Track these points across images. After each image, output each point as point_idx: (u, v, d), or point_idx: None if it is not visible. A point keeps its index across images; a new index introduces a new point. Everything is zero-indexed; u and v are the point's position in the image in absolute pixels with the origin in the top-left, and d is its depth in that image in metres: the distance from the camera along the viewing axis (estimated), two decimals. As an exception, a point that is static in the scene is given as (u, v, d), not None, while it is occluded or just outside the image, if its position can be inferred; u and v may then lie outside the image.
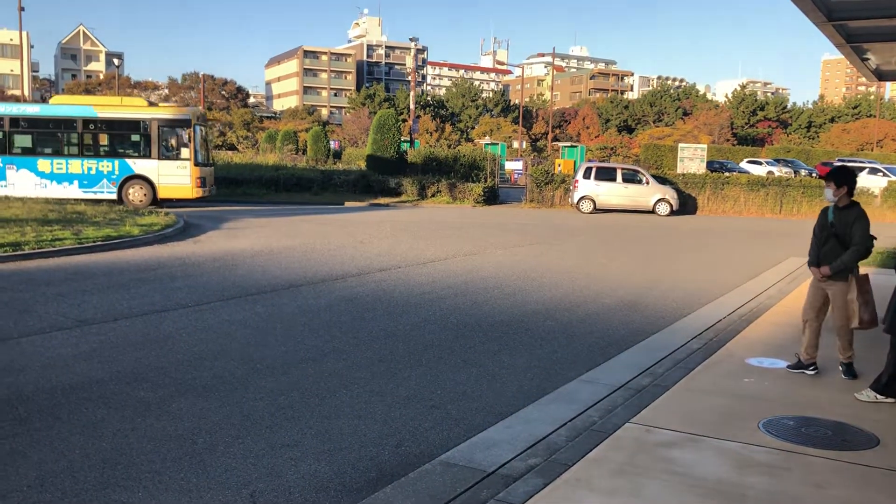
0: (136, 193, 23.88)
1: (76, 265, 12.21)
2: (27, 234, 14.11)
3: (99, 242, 14.17)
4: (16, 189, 23.92)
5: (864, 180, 32.50)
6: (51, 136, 24.66)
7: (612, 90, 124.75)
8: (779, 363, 6.91)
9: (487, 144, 54.73)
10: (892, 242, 16.27)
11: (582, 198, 28.20)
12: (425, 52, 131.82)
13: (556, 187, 30.94)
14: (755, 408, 5.67)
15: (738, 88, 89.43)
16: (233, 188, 30.70)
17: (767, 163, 44.29)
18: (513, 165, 48.58)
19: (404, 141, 39.67)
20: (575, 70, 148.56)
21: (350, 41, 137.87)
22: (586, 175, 28.48)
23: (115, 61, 47.06)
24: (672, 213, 27.86)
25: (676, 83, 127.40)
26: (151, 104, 27.38)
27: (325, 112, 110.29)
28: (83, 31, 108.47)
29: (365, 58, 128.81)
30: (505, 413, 5.68)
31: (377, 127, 34.40)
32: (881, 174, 36.22)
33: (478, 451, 4.84)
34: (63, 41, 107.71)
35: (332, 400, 5.94)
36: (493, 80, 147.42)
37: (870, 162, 41.09)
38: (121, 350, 7.16)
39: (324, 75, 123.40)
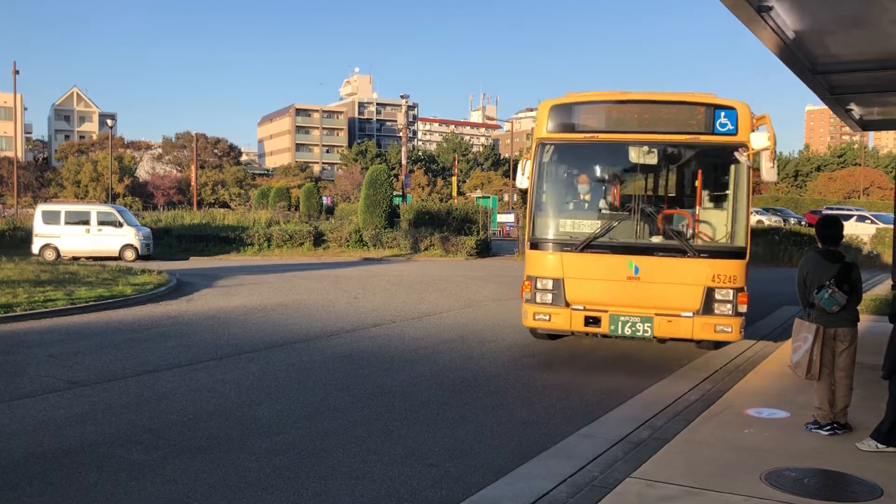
0: None
1: (68, 326, 12.13)
2: (19, 296, 14.03)
3: (92, 302, 14.10)
4: None
5: (853, 228, 32.82)
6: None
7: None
8: (778, 413, 6.86)
9: (479, 198, 55.12)
10: (884, 289, 16.35)
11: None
12: (416, 109, 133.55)
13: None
14: (756, 459, 5.62)
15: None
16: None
17: (757, 212, 44.72)
18: (504, 218, 48.88)
19: (396, 195, 39.93)
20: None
21: (341, 98, 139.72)
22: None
23: (109, 122, 47.32)
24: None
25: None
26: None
27: (317, 168, 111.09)
28: (76, 93, 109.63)
29: (356, 115, 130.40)
30: (504, 469, 5.61)
31: (370, 182, 34.63)
32: (869, 221, 36.62)
33: (478, 510, 4.77)
34: (56, 103, 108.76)
35: (329, 459, 5.85)
36: (483, 135, 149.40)
37: (857, 210, 41.57)
38: (114, 412, 7.08)
39: (316, 132, 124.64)
